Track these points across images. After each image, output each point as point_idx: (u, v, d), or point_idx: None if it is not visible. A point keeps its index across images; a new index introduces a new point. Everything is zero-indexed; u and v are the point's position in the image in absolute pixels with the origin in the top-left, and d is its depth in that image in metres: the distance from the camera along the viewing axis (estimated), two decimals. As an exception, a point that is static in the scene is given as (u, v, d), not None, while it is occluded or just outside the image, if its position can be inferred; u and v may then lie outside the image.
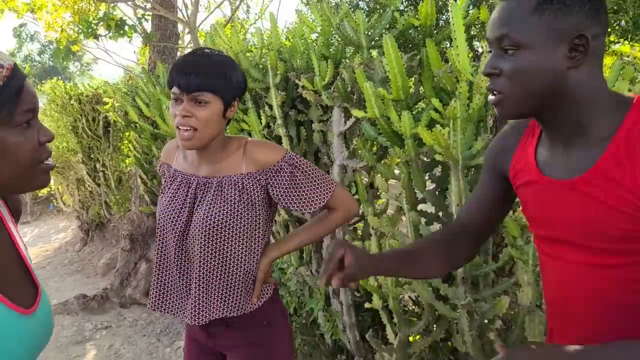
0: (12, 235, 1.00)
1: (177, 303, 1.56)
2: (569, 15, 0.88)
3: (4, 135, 0.84)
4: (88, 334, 4.11)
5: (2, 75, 0.83)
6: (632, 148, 0.88)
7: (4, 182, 0.88)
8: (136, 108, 3.84)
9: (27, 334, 0.90)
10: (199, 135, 1.41)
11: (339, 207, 1.56)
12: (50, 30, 6.76)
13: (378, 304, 2.15)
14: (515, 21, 0.91)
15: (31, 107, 0.87)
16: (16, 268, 0.97)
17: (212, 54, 1.43)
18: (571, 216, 0.97)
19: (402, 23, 1.94)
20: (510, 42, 0.92)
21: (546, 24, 0.89)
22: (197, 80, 1.36)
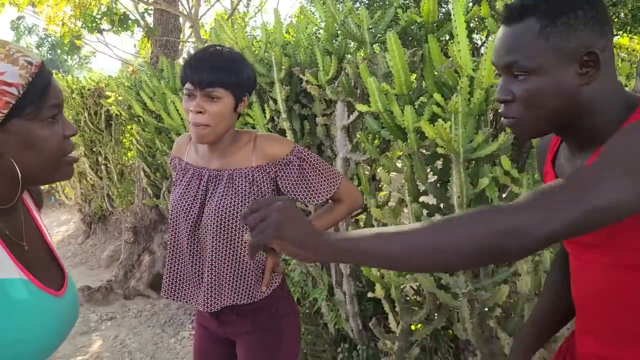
0: (38, 224, 1.07)
1: (190, 291, 1.62)
2: (575, 34, 0.89)
3: (31, 129, 0.90)
4: (93, 325, 4.17)
5: (31, 72, 0.88)
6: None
7: (31, 174, 0.93)
8: (140, 102, 3.88)
9: (58, 314, 0.97)
10: (212, 130, 1.46)
11: (344, 199, 1.62)
12: (51, 23, 6.77)
13: (381, 294, 2.21)
14: (522, 47, 0.91)
15: (57, 103, 0.93)
16: (45, 254, 1.04)
17: (224, 50, 1.49)
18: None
19: (405, 19, 1.98)
20: (520, 68, 0.92)
21: (553, 46, 0.90)
22: (210, 76, 1.42)
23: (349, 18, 2.07)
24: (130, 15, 5.11)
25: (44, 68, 0.93)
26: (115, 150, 6.17)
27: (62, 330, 0.99)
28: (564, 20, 0.89)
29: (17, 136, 0.89)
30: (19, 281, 0.91)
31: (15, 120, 0.88)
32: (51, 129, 0.92)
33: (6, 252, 0.91)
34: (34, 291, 0.92)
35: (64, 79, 6.49)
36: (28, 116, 0.89)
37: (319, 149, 2.58)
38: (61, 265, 1.06)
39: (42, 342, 0.93)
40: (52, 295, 0.96)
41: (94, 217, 6.93)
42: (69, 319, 1.01)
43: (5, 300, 0.88)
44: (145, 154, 4.46)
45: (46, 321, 0.94)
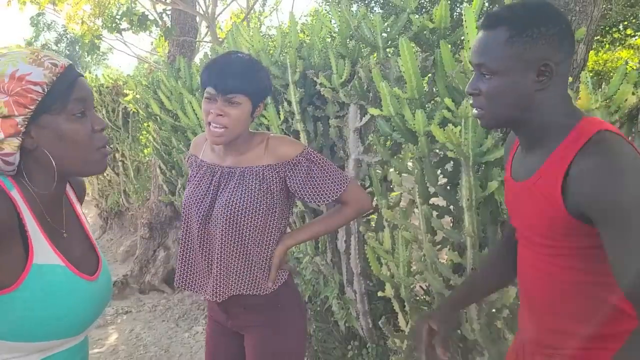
0: (78, 214, 1.19)
1: (200, 281, 1.69)
2: (535, 46, 1.03)
3: (59, 123, 1.01)
4: (109, 319, 4.26)
5: (55, 72, 1.00)
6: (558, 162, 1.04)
7: (65, 165, 1.04)
8: (157, 101, 3.96)
9: (92, 296, 1.09)
10: (229, 133, 1.54)
11: (352, 202, 1.68)
12: (71, 22, 6.89)
13: (390, 293, 2.25)
14: (490, 51, 1.06)
15: (83, 97, 1.03)
16: (83, 242, 1.16)
17: (244, 58, 1.56)
18: (523, 212, 1.16)
19: (417, 25, 2.02)
20: (487, 69, 1.07)
21: (516, 54, 1.04)
22: (232, 83, 1.50)
23: (363, 23, 2.11)
24: (148, 15, 5.19)
25: (71, 69, 1.04)
26: (132, 147, 6.27)
27: (95, 310, 1.11)
28: (529, 32, 1.03)
29: (49, 130, 1.00)
30: (57, 267, 1.03)
31: (45, 116, 0.99)
32: (79, 123, 1.03)
33: (47, 240, 1.03)
34: (69, 276, 1.04)
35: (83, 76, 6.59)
36: (55, 111, 1.00)
37: (332, 151, 2.62)
38: (97, 252, 1.18)
39: (74, 320, 1.05)
40: (85, 280, 1.07)
41: (111, 213, 7.05)
42: (101, 301, 1.13)
43: (43, 284, 1.00)
44: (161, 151, 4.54)
45: (79, 302, 1.05)
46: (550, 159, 1.07)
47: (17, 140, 0.98)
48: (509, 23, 1.05)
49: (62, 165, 1.03)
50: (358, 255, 2.50)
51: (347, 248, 2.57)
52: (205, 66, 1.57)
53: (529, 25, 1.03)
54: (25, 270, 0.99)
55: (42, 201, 1.05)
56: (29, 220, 1.01)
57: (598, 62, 11.93)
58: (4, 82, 0.96)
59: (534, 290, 1.18)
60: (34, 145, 1.01)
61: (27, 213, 1.02)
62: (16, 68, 0.97)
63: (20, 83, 0.96)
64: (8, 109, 0.96)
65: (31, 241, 1.01)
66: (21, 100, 0.96)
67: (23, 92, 0.96)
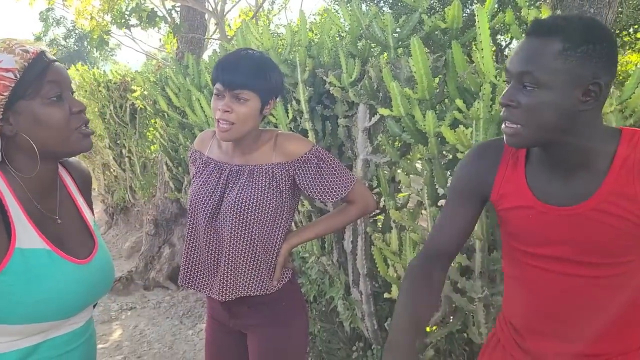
0: (74, 198, 1.21)
1: (205, 280, 1.68)
2: (589, 63, 0.96)
3: (35, 107, 1.03)
4: (114, 314, 4.27)
5: (26, 58, 1.02)
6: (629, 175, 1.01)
7: (48, 148, 1.06)
8: (165, 97, 3.95)
9: (82, 279, 1.11)
10: (236, 129, 1.53)
11: (357, 201, 1.68)
12: (80, 17, 6.91)
13: (397, 295, 2.24)
14: (540, 61, 0.98)
15: (56, 80, 1.05)
16: (77, 225, 1.18)
17: (255, 55, 1.55)
18: (570, 238, 1.07)
19: (429, 25, 2.00)
20: (532, 79, 0.99)
21: (568, 68, 0.97)
22: (240, 78, 1.49)
23: (374, 22, 2.09)
24: (157, 12, 5.19)
25: (43, 55, 1.05)
26: (139, 143, 6.27)
27: (87, 293, 1.13)
28: (584, 48, 0.96)
29: (25, 115, 1.03)
30: (41, 251, 1.05)
31: (21, 102, 1.02)
32: (55, 106, 1.05)
33: (32, 225, 1.05)
34: (55, 259, 1.06)
35: (91, 72, 6.62)
36: (30, 96, 1.02)
37: (340, 150, 2.61)
38: (94, 237, 1.19)
39: (62, 303, 1.07)
40: (74, 263, 1.09)
41: (116, 208, 7.06)
42: (94, 284, 1.14)
43: (26, 267, 1.02)
44: (168, 148, 4.54)
45: (66, 285, 1.07)
46: (610, 177, 1.02)
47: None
48: (564, 34, 0.98)
49: (43, 148, 1.06)
50: (364, 256, 2.49)
51: (354, 248, 2.55)
52: (216, 63, 1.56)
53: (586, 41, 0.97)
54: (8, 254, 1.01)
55: (29, 187, 1.08)
56: (12, 206, 1.04)
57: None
58: None
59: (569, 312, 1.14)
60: (13, 132, 1.03)
61: (11, 199, 1.04)
62: None
63: None
64: None
65: (14, 226, 1.03)
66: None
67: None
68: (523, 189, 1.13)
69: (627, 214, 1.01)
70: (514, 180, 1.15)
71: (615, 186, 1.02)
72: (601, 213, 1.03)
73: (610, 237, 1.03)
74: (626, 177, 1.01)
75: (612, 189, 1.02)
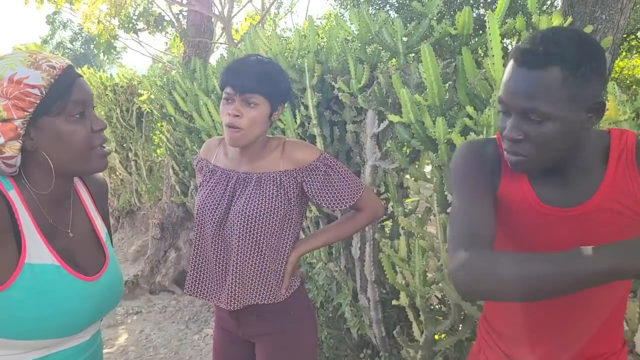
0: (88, 211, 1.20)
1: (213, 289, 1.66)
2: (590, 85, 0.94)
3: (58, 125, 1.02)
4: (120, 319, 4.26)
5: (53, 74, 1.01)
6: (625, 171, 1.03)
7: (64, 165, 1.06)
8: (172, 101, 3.95)
9: (89, 296, 1.09)
10: (245, 134, 1.52)
11: (366, 208, 1.67)
12: (87, 21, 6.93)
13: (405, 302, 2.22)
14: (545, 95, 0.94)
15: (81, 99, 1.05)
16: (90, 240, 1.17)
17: (264, 60, 1.54)
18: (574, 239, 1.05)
19: (439, 31, 1.99)
20: (540, 114, 0.96)
21: (571, 95, 0.94)
22: (251, 82, 1.48)
23: (384, 28, 2.08)
24: (164, 16, 5.21)
25: (69, 70, 1.05)
26: (145, 146, 6.28)
27: (94, 310, 1.11)
28: (582, 71, 0.93)
29: (48, 132, 1.02)
30: (50, 266, 1.04)
31: (45, 118, 1.01)
32: (79, 124, 1.04)
33: (43, 240, 1.05)
34: (63, 275, 1.05)
35: (98, 75, 6.64)
36: (54, 113, 1.01)
37: (348, 156, 2.60)
38: (105, 251, 1.18)
39: (69, 320, 1.06)
40: (82, 280, 1.08)
41: (122, 212, 7.07)
42: (101, 301, 1.13)
43: (34, 283, 1.01)
44: (174, 152, 4.54)
45: (73, 302, 1.06)
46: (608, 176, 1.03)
47: (17, 143, 1.00)
48: (561, 62, 0.93)
49: (60, 165, 1.05)
50: (372, 262, 2.47)
51: (362, 255, 2.54)
52: (225, 68, 1.55)
53: (582, 63, 0.93)
54: (17, 269, 1.00)
55: (43, 201, 1.07)
56: (25, 221, 1.03)
57: (614, 69, 11.84)
58: (2, 85, 0.98)
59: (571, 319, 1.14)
60: (34, 147, 1.02)
61: (24, 213, 1.03)
62: (14, 71, 0.98)
63: (19, 86, 0.98)
64: (7, 113, 0.97)
65: (25, 241, 1.02)
66: (20, 104, 0.98)
67: (21, 96, 0.98)
68: (527, 190, 1.10)
69: (625, 209, 1.03)
70: (516, 182, 1.11)
71: (614, 183, 1.03)
72: (603, 211, 1.04)
73: (611, 235, 1.01)
74: (622, 174, 1.03)
75: (611, 186, 1.03)
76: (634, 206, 1.03)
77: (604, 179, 1.04)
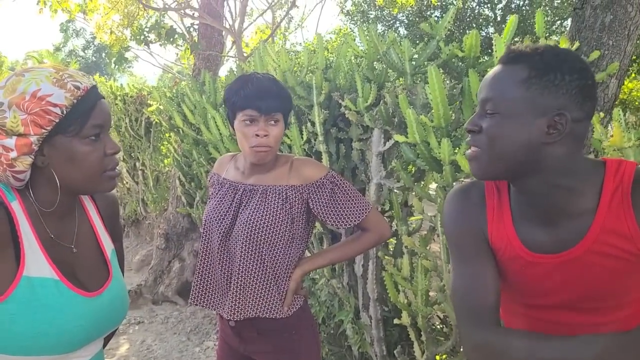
0: (94, 228, 1.18)
1: (217, 299, 1.68)
2: (555, 94, 0.91)
3: (73, 145, 1.01)
4: (122, 328, 4.26)
5: (76, 95, 1.00)
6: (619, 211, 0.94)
7: (73, 185, 1.05)
8: (181, 113, 3.99)
9: (89, 313, 1.07)
10: (272, 151, 1.60)
11: (372, 229, 1.68)
12: (100, 32, 7.02)
13: (407, 321, 2.21)
14: (502, 88, 0.95)
15: (99, 123, 1.04)
16: (94, 256, 1.15)
17: (271, 78, 1.61)
18: (567, 286, 1.01)
19: (447, 53, 2.01)
20: (493, 105, 0.95)
21: (530, 97, 0.92)
22: (274, 103, 1.55)
23: (392, 49, 2.10)
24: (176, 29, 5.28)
25: (93, 92, 1.04)
26: (153, 156, 6.33)
27: (93, 327, 1.09)
28: (551, 77, 0.91)
29: (61, 151, 1.01)
30: (49, 280, 1.02)
31: (60, 137, 1.00)
32: (93, 146, 1.03)
33: (43, 254, 1.03)
34: (62, 290, 1.03)
35: (108, 84, 6.71)
36: (70, 133, 1.01)
37: (354, 173, 2.61)
38: (109, 269, 1.17)
39: (66, 336, 1.03)
40: (82, 296, 1.06)
41: (128, 221, 7.09)
42: (102, 318, 1.11)
43: (32, 296, 0.99)
44: (182, 163, 4.57)
45: (72, 318, 1.04)
46: (599, 216, 0.96)
47: (29, 159, 0.99)
48: (531, 62, 0.93)
49: (68, 184, 1.05)
50: (375, 280, 2.47)
51: (365, 272, 2.54)
52: (236, 90, 1.57)
53: (553, 69, 0.92)
54: (15, 281, 0.98)
55: (45, 215, 1.06)
56: (26, 233, 1.02)
57: (623, 90, 11.82)
58: (24, 99, 0.96)
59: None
60: (45, 163, 1.01)
61: (26, 225, 1.02)
62: (39, 87, 0.97)
63: (41, 103, 0.97)
64: (24, 128, 0.96)
65: (24, 253, 1.00)
66: (38, 121, 0.97)
67: (42, 113, 0.97)
68: (511, 236, 1.05)
69: (622, 252, 0.95)
70: (501, 227, 1.07)
71: (606, 224, 0.95)
72: (594, 255, 0.97)
73: (608, 279, 0.97)
74: (616, 213, 0.95)
75: (603, 228, 0.96)
76: (629, 247, 0.95)
77: (595, 219, 0.96)
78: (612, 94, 1.96)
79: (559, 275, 1.01)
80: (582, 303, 1.02)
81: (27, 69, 1.01)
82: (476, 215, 1.10)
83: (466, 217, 1.11)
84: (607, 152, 1.54)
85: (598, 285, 0.99)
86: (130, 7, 7.11)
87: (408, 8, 10.07)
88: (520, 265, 1.05)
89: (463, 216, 1.12)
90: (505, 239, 1.06)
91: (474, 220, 1.10)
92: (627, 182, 0.96)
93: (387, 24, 11.62)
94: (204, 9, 5.41)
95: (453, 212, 1.13)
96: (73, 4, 7.18)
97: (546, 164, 0.95)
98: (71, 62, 22.40)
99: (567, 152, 0.95)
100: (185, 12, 5.92)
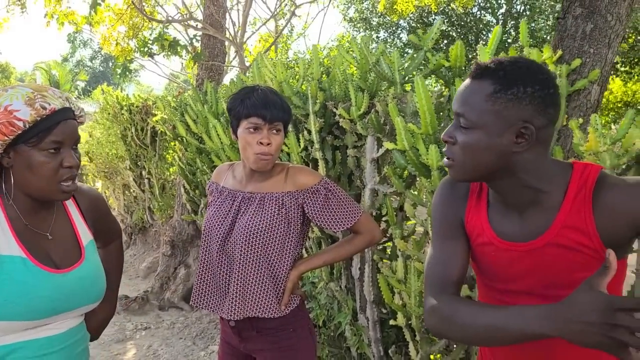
0: (71, 219, 1.37)
1: (217, 300, 1.77)
2: (519, 106, 1.00)
3: (32, 155, 1.20)
4: (129, 334, 4.35)
5: (41, 114, 1.19)
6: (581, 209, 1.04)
7: (28, 191, 1.24)
8: (184, 123, 4.09)
9: (57, 286, 1.25)
10: (273, 158, 1.69)
11: (364, 232, 1.77)
12: (106, 43, 7.16)
13: (402, 322, 2.28)
14: (472, 104, 1.03)
15: (59, 140, 1.22)
16: (69, 242, 1.34)
17: (275, 91, 1.72)
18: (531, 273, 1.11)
19: (434, 63, 2.09)
20: (465, 120, 1.04)
21: (497, 110, 1.01)
22: (278, 112, 1.65)
23: (382, 59, 2.19)
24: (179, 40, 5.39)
25: (59, 113, 1.22)
26: (159, 165, 6.43)
27: (60, 299, 1.26)
28: (514, 91, 1.00)
29: (23, 157, 1.20)
30: (17, 258, 1.21)
31: (22, 145, 1.19)
32: (50, 158, 1.21)
33: (14, 237, 1.22)
34: (29, 266, 1.21)
35: (115, 94, 6.83)
36: (31, 144, 1.19)
37: (349, 179, 2.69)
38: (82, 253, 1.34)
39: (31, 304, 1.20)
40: (48, 272, 1.24)
41: (135, 229, 7.20)
42: (70, 293, 1.28)
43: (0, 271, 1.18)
44: (186, 171, 4.66)
45: (36, 290, 1.21)
46: (563, 212, 1.05)
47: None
48: (495, 77, 1.01)
49: (23, 189, 1.23)
50: (371, 283, 2.54)
51: (361, 275, 2.61)
52: (241, 98, 1.68)
53: (516, 83, 1.00)
54: None
55: (20, 207, 1.25)
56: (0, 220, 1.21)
57: (627, 92, 11.84)
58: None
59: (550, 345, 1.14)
60: (10, 164, 1.21)
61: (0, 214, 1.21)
62: (11, 103, 1.17)
63: (9, 116, 1.16)
64: None
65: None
66: (3, 129, 1.16)
67: (7, 124, 1.16)
68: (485, 225, 1.17)
69: (580, 246, 1.04)
70: (477, 216, 1.19)
71: (568, 220, 1.04)
72: (556, 247, 1.06)
73: (569, 269, 1.06)
74: (578, 211, 1.04)
75: (565, 223, 1.05)
76: (587, 243, 1.04)
77: (557, 215, 1.06)
78: (594, 100, 2.03)
79: (525, 263, 1.11)
80: (546, 290, 1.11)
81: (13, 86, 1.22)
82: (457, 204, 1.23)
83: (447, 205, 1.25)
84: (584, 155, 1.62)
85: (558, 274, 1.08)
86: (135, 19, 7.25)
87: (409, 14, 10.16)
88: (491, 251, 1.16)
89: (445, 203, 1.25)
90: (479, 227, 1.18)
91: (454, 208, 1.23)
92: (590, 183, 1.04)
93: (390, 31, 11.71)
94: (206, 20, 5.53)
95: (438, 199, 1.27)
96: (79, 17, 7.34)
97: (517, 169, 1.06)
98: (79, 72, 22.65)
99: (535, 156, 1.05)
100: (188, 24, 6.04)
